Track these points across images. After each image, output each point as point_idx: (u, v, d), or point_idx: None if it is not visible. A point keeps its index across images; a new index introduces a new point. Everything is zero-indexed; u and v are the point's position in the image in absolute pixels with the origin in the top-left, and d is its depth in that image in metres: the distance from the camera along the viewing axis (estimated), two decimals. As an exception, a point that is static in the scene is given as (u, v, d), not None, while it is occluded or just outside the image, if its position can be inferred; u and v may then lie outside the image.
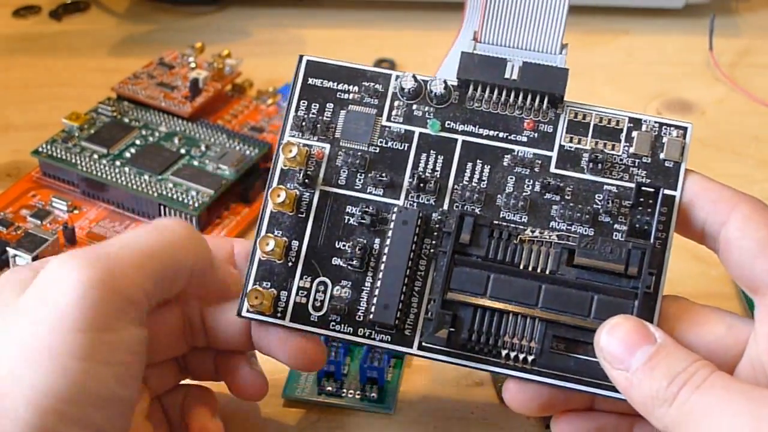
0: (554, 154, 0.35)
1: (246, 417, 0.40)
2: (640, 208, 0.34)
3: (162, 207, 0.48)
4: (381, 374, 0.40)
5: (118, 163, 0.50)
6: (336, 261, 0.35)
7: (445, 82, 0.36)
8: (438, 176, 0.35)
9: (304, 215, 0.36)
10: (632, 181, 0.35)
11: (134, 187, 0.49)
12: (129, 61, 0.60)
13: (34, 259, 0.45)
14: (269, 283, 0.35)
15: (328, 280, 0.35)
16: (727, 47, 0.64)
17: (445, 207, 0.35)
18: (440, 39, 0.56)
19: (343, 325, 0.35)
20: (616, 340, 0.31)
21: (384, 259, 0.35)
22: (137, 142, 0.52)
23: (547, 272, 0.34)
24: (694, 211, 0.34)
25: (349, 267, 0.35)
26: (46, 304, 0.29)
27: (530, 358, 0.33)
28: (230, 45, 0.60)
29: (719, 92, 0.60)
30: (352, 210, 0.35)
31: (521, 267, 0.34)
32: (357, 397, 0.40)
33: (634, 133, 0.35)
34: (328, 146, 0.36)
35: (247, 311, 0.35)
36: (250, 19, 0.69)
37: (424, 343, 0.34)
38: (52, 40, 0.67)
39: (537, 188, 0.35)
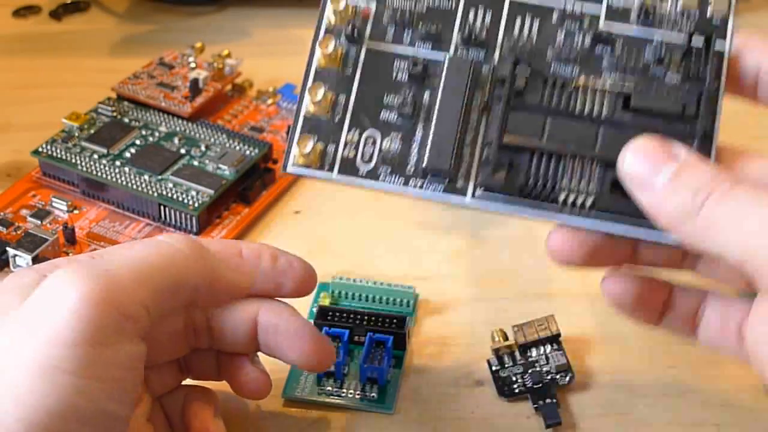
0: (603, 9, 0.35)
1: (245, 417, 0.40)
2: (692, 59, 0.34)
3: (162, 207, 0.48)
4: (381, 374, 0.40)
5: (118, 163, 0.50)
6: (385, 114, 0.35)
7: None
8: (487, 31, 0.35)
9: (351, 71, 0.35)
10: (683, 32, 0.35)
11: (134, 187, 0.49)
12: (129, 61, 0.60)
13: (34, 259, 0.45)
14: (316, 137, 0.34)
15: (377, 133, 0.35)
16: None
17: (495, 61, 0.35)
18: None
19: (394, 176, 0.34)
20: (640, 161, 0.31)
21: (436, 108, 0.34)
22: (137, 142, 0.52)
23: (603, 117, 0.34)
24: (745, 58, 0.34)
25: (399, 119, 0.35)
26: (43, 317, 0.29)
27: (588, 201, 0.33)
28: (230, 45, 0.60)
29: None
30: (400, 64, 0.35)
31: (577, 112, 0.34)
32: (357, 397, 0.40)
33: None
34: (374, 4, 0.36)
35: (294, 165, 0.34)
36: (250, 19, 0.69)
37: (479, 188, 0.34)
38: (52, 40, 0.67)
39: (587, 42, 0.35)
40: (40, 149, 0.51)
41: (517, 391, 0.40)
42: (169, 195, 0.48)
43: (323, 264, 0.44)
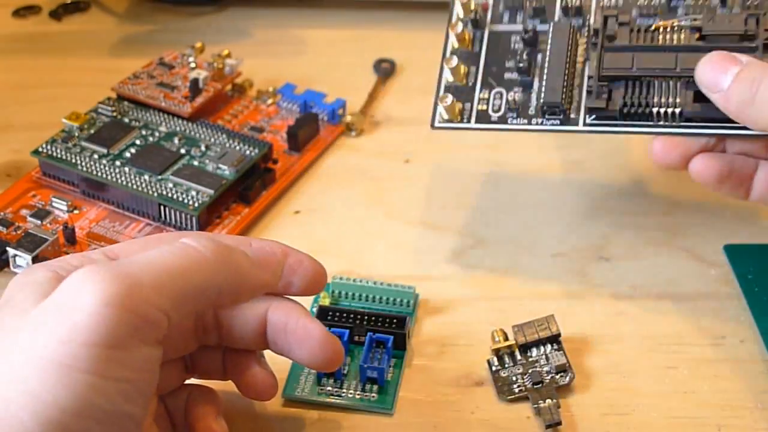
0: None
1: (245, 416, 0.40)
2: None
3: (162, 207, 0.48)
4: (381, 374, 0.40)
5: (118, 163, 0.50)
6: (508, 75, 0.45)
7: None
8: (581, 2, 0.45)
9: (478, 49, 0.46)
10: None
11: (134, 187, 0.49)
12: (129, 61, 0.60)
13: (34, 259, 0.45)
14: (454, 98, 0.44)
15: (503, 89, 0.44)
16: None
17: (591, 22, 0.44)
18: (440, 39, 0.56)
19: (519, 119, 0.43)
20: (710, 68, 0.39)
21: (546, 61, 0.43)
22: (137, 142, 0.52)
23: (681, 46, 0.42)
24: None
25: (519, 76, 0.44)
26: (62, 317, 0.29)
27: (677, 111, 0.41)
28: (230, 45, 0.60)
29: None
30: (515, 38, 0.45)
31: (660, 45, 0.42)
32: (357, 397, 0.40)
33: None
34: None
35: (439, 122, 0.44)
36: (250, 19, 0.69)
37: (588, 116, 0.42)
38: (52, 40, 0.67)
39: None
40: (40, 149, 0.51)
41: (517, 391, 0.40)
42: (169, 195, 0.48)
43: (323, 264, 0.44)
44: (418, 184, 0.53)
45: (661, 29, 0.42)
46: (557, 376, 0.41)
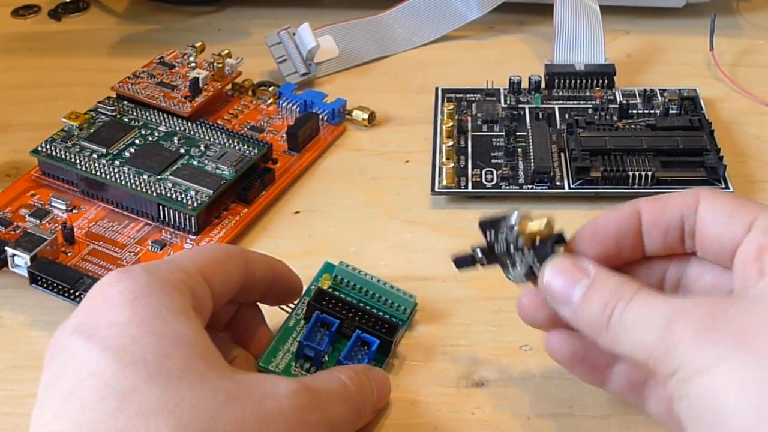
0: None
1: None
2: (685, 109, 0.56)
3: (161, 207, 0.48)
4: None
5: (117, 162, 0.50)
6: (494, 159, 0.53)
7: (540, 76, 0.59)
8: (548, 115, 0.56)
9: (464, 146, 0.54)
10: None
11: (133, 186, 0.49)
12: (129, 61, 0.60)
13: (33, 258, 0.44)
14: (451, 171, 0.51)
15: (492, 169, 0.52)
16: (728, 47, 0.64)
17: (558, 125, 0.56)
18: (439, 39, 0.56)
19: (511, 186, 0.51)
20: (557, 279, 0.34)
21: (530, 141, 0.53)
22: (136, 141, 0.52)
23: (642, 133, 0.53)
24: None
25: (504, 161, 0.53)
26: None
27: (650, 174, 0.50)
28: (230, 45, 0.60)
29: (720, 92, 0.60)
30: (494, 140, 0.55)
31: (626, 133, 0.53)
32: None
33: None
34: (470, 118, 0.57)
35: (440, 187, 0.51)
36: (250, 19, 0.69)
37: (573, 182, 0.50)
38: (51, 40, 0.67)
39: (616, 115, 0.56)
40: (40, 149, 0.51)
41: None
42: (169, 195, 0.48)
43: (322, 264, 0.44)
44: (418, 184, 0.52)
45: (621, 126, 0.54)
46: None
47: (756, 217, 0.33)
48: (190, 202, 0.48)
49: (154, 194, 0.48)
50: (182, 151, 0.51)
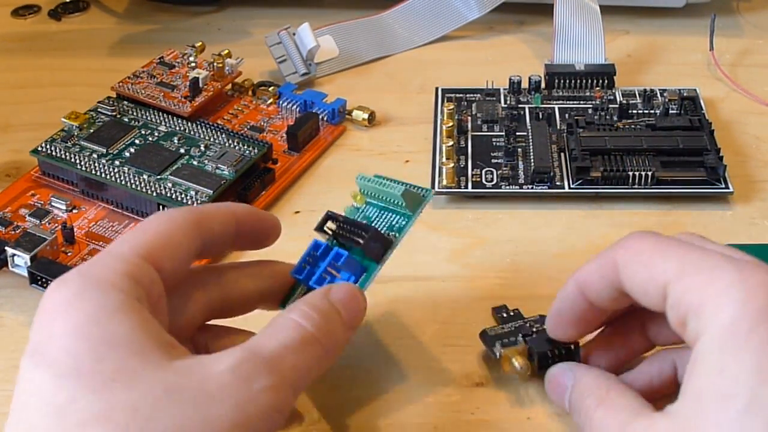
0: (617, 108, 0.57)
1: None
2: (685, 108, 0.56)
3: (161, 207, 0.48)
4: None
5: (117, 162, 0.50)
6: (494, 159, 0.53)
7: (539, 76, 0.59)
8: (548, 114, 0.57)
9: (464, 146, 0.54)
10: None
11: (133, 186, 0.49)
12: (129, 61, 0.60)
13: (33, 258, 0.44)
14: (452, 171, 0.51)
15: (492, 168, 0.52)
16: (728, 47, 0.64)
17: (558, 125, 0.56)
18: (439, 39, 0.56)
19: (511, 186, 0.51)
20: (550, 389, 0.39)
21: (530, 141, 0.54)
22: (136, 141, 0.52)
23: (642, 133, 0.53)
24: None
25: (504, 161, 0.53)
26: None
27: (649, 174, 0.50)
28: (230, 45, 0.60)
29: (720, 92, 0.60)
30: (494, 140, 0.55)
31: (625, 133, 0.53)
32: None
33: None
34: (470, 118, 0.56)
35: (440, 187, 0.51)
36: (250, 19, 0.69)
37: (573, 182, 0.51)
38: (51, 40, 0.67)
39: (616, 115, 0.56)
40: (40, 148, 0.51)
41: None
42: (168, 195, 0.48)
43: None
44: (418, 184, 0.52)
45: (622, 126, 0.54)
46: None
47: (668, 282, 0.33)
48: (190, 202, 0.48)
49: (154, 194, 0.48)
50: (182, 151, 0.51)
